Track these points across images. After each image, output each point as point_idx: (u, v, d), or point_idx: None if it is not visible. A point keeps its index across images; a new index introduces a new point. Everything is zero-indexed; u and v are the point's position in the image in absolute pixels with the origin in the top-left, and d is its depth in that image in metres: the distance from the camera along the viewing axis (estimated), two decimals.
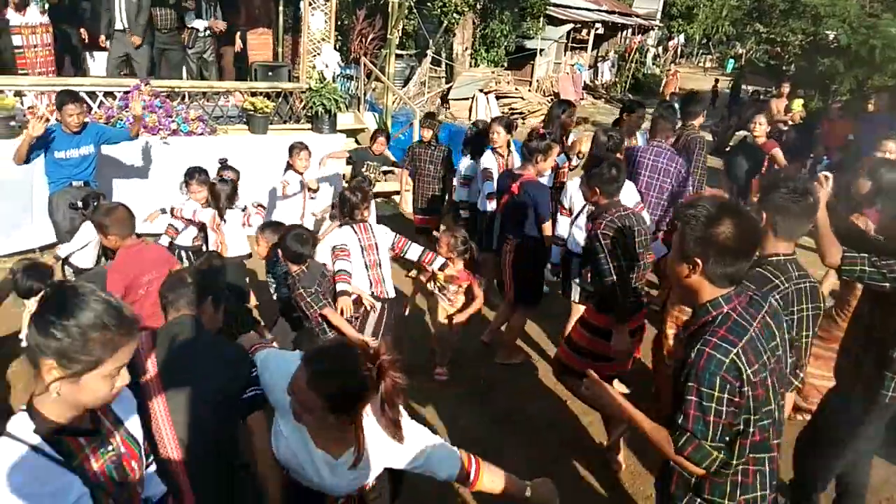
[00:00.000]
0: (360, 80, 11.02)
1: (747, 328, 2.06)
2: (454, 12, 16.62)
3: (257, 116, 7.43)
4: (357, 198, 4.38)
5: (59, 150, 5.46)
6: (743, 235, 2.05)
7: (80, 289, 1.54)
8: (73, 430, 1.60)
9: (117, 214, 3.86)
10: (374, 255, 4.35)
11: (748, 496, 2.19)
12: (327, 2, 7.67)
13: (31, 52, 7.15)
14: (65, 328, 1.47)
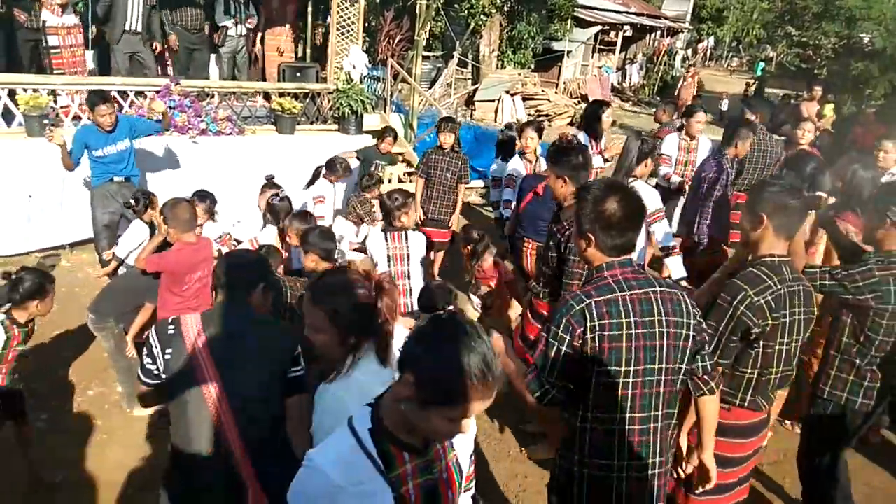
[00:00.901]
0: (387, 81, 11.04)
1: (614, 291, 2.23)
2: (481, 14, 16.61)
3: (285, 117, 7.49)
4: (394, 203, 4.27)
5: (96, 148, 5.58)
6: (627, 210, 2.25)
7: (467, 327, 1.50)
8: (402, 442, 1.59)
9: (179, 209, 4.04)
10: (402, 265, 4.23)
11: (602, 461, 2.27)
12: (356, 4, 7.70)
13: (68, 51, 7.27)
14: (439, 359, 1.47)
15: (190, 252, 4.09)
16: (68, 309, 5.37)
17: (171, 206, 4.10)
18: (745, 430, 2.81)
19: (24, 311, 3.41)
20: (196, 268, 4.10)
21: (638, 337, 2.20)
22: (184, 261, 4.05)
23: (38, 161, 6.10)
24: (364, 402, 1.68)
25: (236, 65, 9.34)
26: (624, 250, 2.30)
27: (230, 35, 9.10)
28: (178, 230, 4.05)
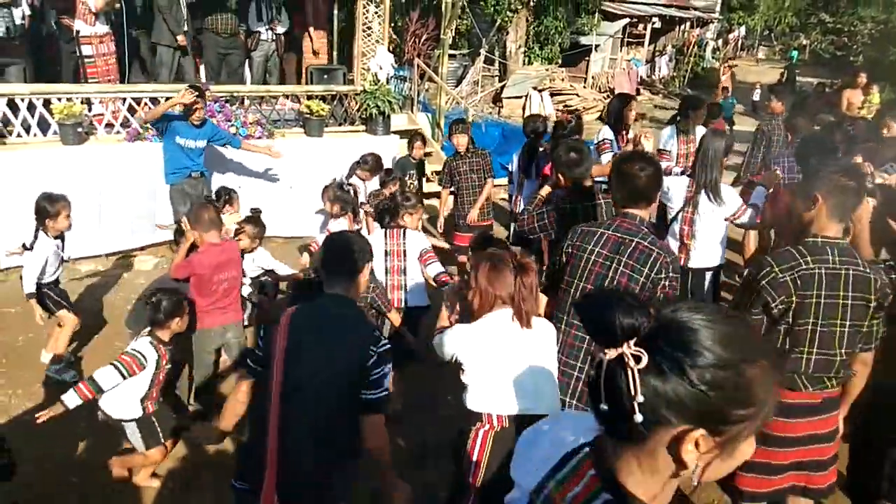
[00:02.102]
0: (414, 80, 11.05)
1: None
2: (507, 10, 16.52)
3: (313, 119, 7.53)
4: (404, 200, 4.52)
5: (181, 136, 6.06)
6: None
7: (684, 313, 1.07)
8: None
9: (203, 212, 4.17)
10: (398, 261, 4.36)
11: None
12: (381, 4, 7.71)
13: (101, 60, 7.38)
14: (711, 371, 1.00)
15: (215, 253, 4.16)
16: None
17: (196, 208, 4.26)
18: (787, 409, 2.77)
19: (166, 330, 3.61)
20: (222, 268, 4.17)
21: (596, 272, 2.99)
22: (209, 261, 4.12)
23: (73, 170, 6.22)
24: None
25: (267, 68, 9.44)
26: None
27: (262, 39, 9.20)
28: (202, 231, 4.14)
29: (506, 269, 2.75)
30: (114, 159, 6.54)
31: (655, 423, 1.03)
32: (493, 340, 2.70)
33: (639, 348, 1.03)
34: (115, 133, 6.82)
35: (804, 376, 2.77)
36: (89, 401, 3.43)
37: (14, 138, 6.38)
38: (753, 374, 1.01)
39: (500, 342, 2.70)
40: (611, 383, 1.05)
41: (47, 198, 4.56)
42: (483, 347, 2.71)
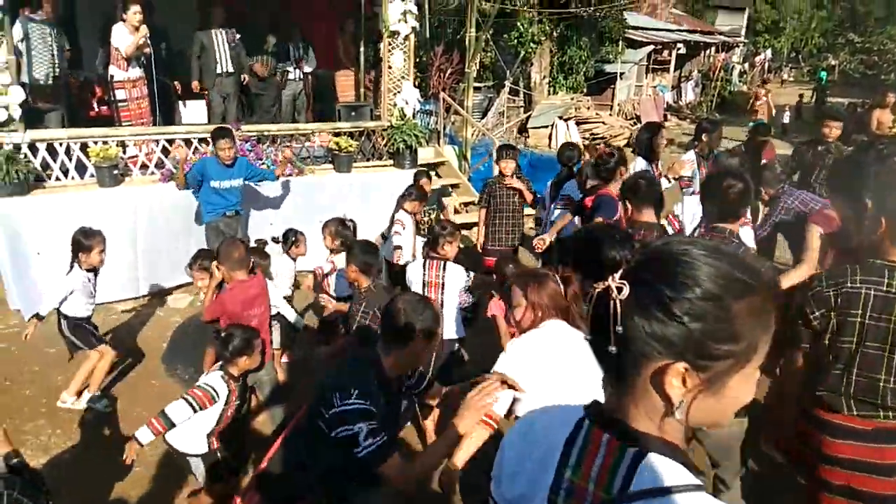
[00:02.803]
0: (440, 114, 11.19)
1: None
2: (531, 42, 16.68)
3: (342, 155, 7.63)
4: (442, 230, 4.45)
5: (214, 179, 6.15)
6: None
7: (674, 245, 1.06)
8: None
9: (231, 249, 4.20)
10: (435, 293, 4.34)
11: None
12: (405, 41, 7.84)
13: (134, 104, 7.61)
14: (691, 303, 0.99)
15: (243, 289, 4.18)
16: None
17: (224, 246, 4.28)
18: (830, 428, 2.74)
19: (235, 366, 3.62)
20: (251, 304, 4.18)
21: None
22: (238, 298, 4.14)
23: (109, 211, 6.37)
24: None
25: (296, 107, 9.67)
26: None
27: (290, 79, 9.46)
28: (230, 269, 4.17)
29: (550, 282, 2.78)
30: (149, 200, 6.68)
31: (642, 357, 1.03)
32: (557, 348, 2.69)
33: (622, 280, 1.03)
34: (149, 174, 6.99)
35: (849, 398, 2.70)
36: (161, 435, 3.44)
37: (53, 182, 6.56)
38: (739, 308, 1.00)
39: (564, 349, 2.68)
40: (600, 318, 1.06)
41: (83, 232, 4.73)
42: (547, 356, 2.68)
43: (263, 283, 4.46)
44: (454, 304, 4.39)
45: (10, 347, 5.76)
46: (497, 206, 6.42)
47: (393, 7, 7.59)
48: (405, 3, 7.60)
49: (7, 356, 5.62)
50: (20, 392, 5.09)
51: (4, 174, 5.98)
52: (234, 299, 4.14)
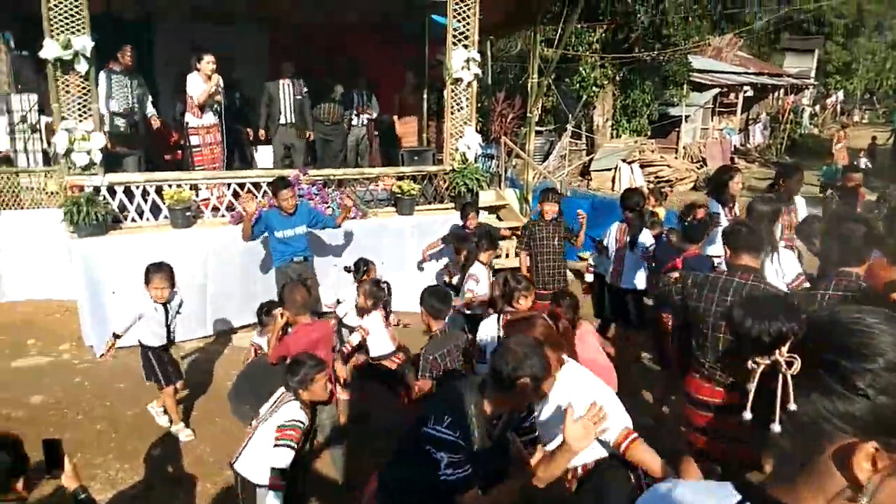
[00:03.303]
0: (501, 157, 11.27)
1: None
2: (593, 86, 16.72)
3: (404, 199, 7.76)
4: (517, 283, 4.28)
5: (278, 229, 6.32)
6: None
7: (844, 315, 1.00)
8: None
9: (295, 293, 4.30)
10: None
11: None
12: (468, 88, 7.97)
13: (207, 149, 7.96)
14: (875, 375, 0.92)
15: (307, 332, 4.26)
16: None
17: (289, 290, 4.36)
18: None
19: (307, 391, 3.54)
20: (314, 347, 4.18)
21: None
22: (302, 341, 4.19)
23: (181, 251, 6.61)
24: None
25: (359, 152, 9.93)
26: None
27: (353, 125, 9.75)
28: (294, 312, 4.27)
29: (539, 321, 2.89)
30: (219, 241, 6.90)
31: (820, 437, 0.94)
32: (585, 388, 2.81)
33: (791, 354, 0.98)
34: (220, 216, 7.24)
35: None
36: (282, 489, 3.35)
37: (129, 223, 6.87)
38: None
39: (589, 388, 2.80)
40: (765, 395, 0.99)
41: (150, 265, 5.00)
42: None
43: (328, 328, 4.53)
44: None
45: (83, 382, 5.98)
46: (538, 249, 6.41)
47: (457, 55, 7.75)
48: (468, 51, 7.76)
49: (80, 390, 5.84)
50: (91, 427, 5.26)
51: (85, 215, 6.30)
52: (297, 342, 4.20)
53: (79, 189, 6.46)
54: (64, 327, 7.06)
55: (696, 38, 18.87)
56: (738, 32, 24.95)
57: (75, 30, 6.24)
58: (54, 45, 6.17)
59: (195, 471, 4.72)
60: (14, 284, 7.79)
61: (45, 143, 8.79)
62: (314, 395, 3.53)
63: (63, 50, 6.18)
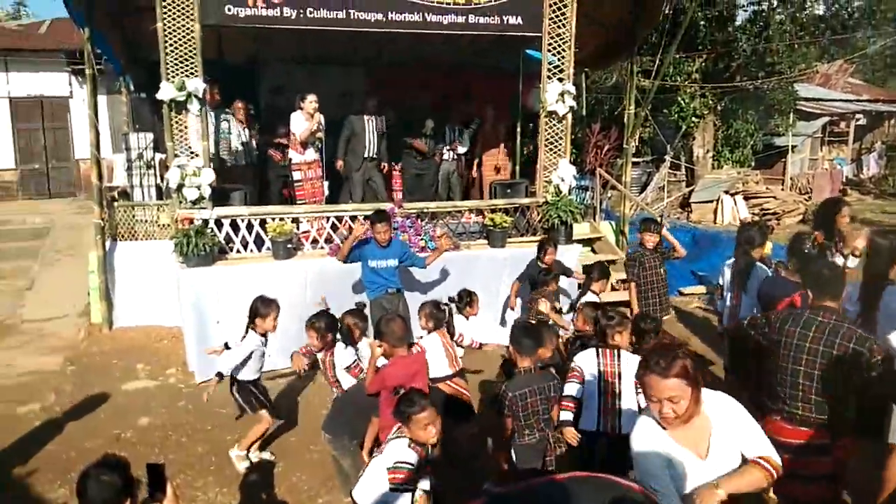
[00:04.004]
0: (596, 189, 11.10)
1: None
2: (693, 116, 16.30)
3: (496, 231, 7.75)
4: (609, 321, 4.20)
5: (372, 259, 6.42)
6: None
7: None
8: None
9: (393, 325, 4.32)
10: (612, 381, 4.08)
11: None
12: (563, 120, 7.93)
13: (309, 184, 8.26)
14: None
15: (404, 365, 4.27)
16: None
17: (386, 322, 4.38)
18: None
19: (420, 428, 3.36)
20: (411, 379, 4.19)
21: None
22: (399, 373, 4.21)
23: (282, 282, 6.83)
24: None
25: (450, 185, 10.06)
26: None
27: (444, 159, 9.91)
28: (392, 344, 4.29)
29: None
30: (317, 272, 7.09)
31: None
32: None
33: None
34: (319, 248, 7.45)
35: None
36: None
37: (234, 254, 7.18)
38: None
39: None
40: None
41: (261, 300, 5.13)
42: None
43: (423, 361, 4.52)
44: (633, 395, 4.07)
45: (187, 406, 6.24)
46: (646, 278, 6.47)
47: (551, 88, 7.74)
48: (563, 84, 7.73)
49: (184, 414, 6.09)
50: (193, 449, 5.46)
51: (194, 246, 6.63)
52: (394, 375, 4.20)
53: (189, 222, 6.82)
54: (171, 353, 7.43)
55: (802, 66, 18.11)
56: (849, 58, 23.81)
57: (189, 73, 6.66)
58: (170, 87, 6.60)
59: (289, 498, 4.80)
60: (127, 311, 8.27)
61: (158, 179, 9.38)
62: (416, 435, 3.35)
63: (178, 91, 6.60)
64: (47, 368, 7.22)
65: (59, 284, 9.62)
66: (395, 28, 7.43)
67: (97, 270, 8.18)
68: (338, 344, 4.89)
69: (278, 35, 8.03)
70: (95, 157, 8.02)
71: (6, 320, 8.79)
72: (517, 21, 7.67)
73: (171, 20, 6.56)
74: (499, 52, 10.45)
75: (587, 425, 4.08)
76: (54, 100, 16.00)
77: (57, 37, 16.32)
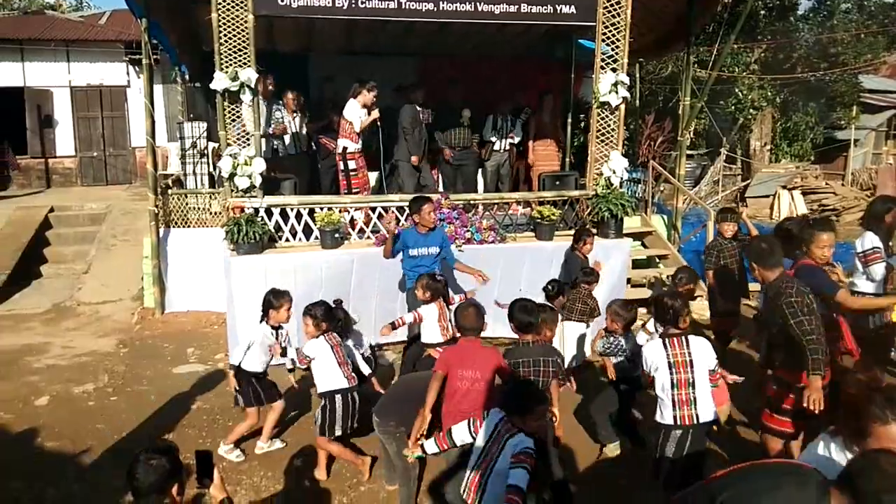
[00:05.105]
0: (648, 182, 10.88)
1: None
2: (750, 108, 15.84)
3: (544, 224, 7.64)
4: (678, 303, 4.09)
5: (412, 247, 6.35)
6: None
7: None
8: None
9: (468, 311, 4.27)
10: (685, 372, 3.92)
11: None
12: (615, 111, 7.77)
13: (361, 172, 8.27)
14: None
15: (463, 349, 4.20)
16: None
17: (461, 309, 4.34)
18: None
19: (534, 419, 3.35)
20: (466, 363, 4.07)
21: None
22: (457, 355, 4.15)
23: (329, 270, 6.88)
24: None
25: (500, 176, 9.93)
26: None
27: (495, 150, 9.77)
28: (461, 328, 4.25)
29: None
30: (362, 261, 7.11)
31: None
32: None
33: None
34: (365, 238, 7.47)
35: None
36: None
37: (283, 242, 7.25)
38: None
39: None
40: None
41: (273, 292, 5.18)
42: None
43: (488, 355, 4.24)
44: (707, 382, 3.97)
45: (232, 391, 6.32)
46: (725, 267, 6.43)
47: (604, 79, 7.59)
48: (617, 75, 7.57)
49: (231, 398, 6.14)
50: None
51: (244, 234, 6.71)
52: (454, 354, 4.21)
53: (240, 210, 6.91)
54: (220, 337, 7.57)
55: (868, 57, 17.42)
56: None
57: (242, 63, 6.72)
58: (223, 77, 6.68)
59: (331, 484, 4.82)
60: (179, 296, 8.46)
61: (211, 167, 9.54)
62: (530, 427, 3.31)
63: (231, 81, 6.67)
64: (102, 350, 7.44)
65: (115, 269, 9.90)
66: (446, 18, 7.38)
67: (150, 256, 8.38)
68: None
69: (329, 25, 8.06)
70: (151, 145, 8.19)
71: (64, 302, 9.09)
72: (570, 10, 7.53)
73: (226, 10, 6.62)
74: (551, 42, 10.30)
75: (666, 420, 3.96)
76: (113, 89, 16.46)
77: (116, 27, 16.76)
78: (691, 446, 3.92)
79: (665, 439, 3.96)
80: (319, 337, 4.87)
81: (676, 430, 3.92)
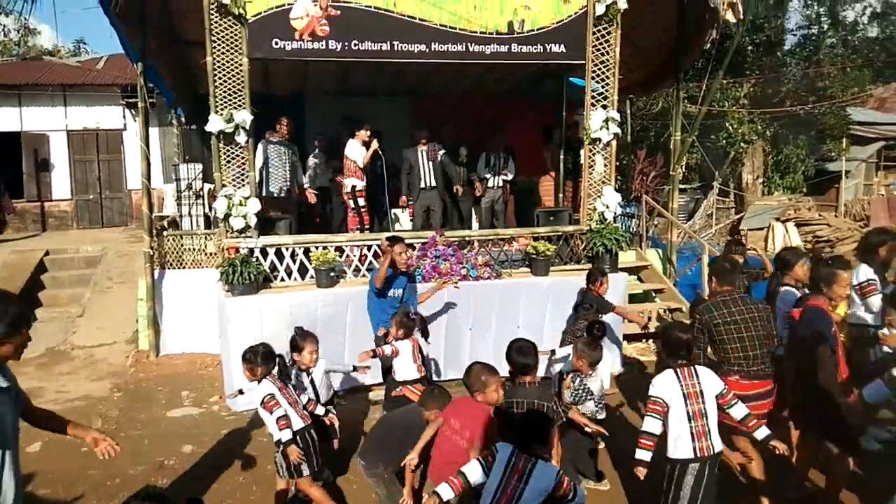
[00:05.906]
0: (642, 217, 10.93)
1: None
2: (741, 142, 16.01)
3: (539, 259, 7.66)
4: (686, 335, 4.06)
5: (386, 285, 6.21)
6: None
7: None
8: None
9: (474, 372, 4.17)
10: (698, 403, 3.89)
11: None
12: (607, 147, 7.84)
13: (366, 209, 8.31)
14: None
15: (459, 401, 4.19)
16: None
17: (467, 373, 4.24)
18: None
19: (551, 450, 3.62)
20: (456, 417, 4.07)
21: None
22: (451, 407, 4.19)
23: (323, 309, 6.86)
24: None
25: (494, 212, 9.99)
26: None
27: (489, 186, 9.84)
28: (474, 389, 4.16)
29: None
30: (358, 300, 7.07)
31: None
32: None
33: None
34: (360, 276, 7.46)
35: None
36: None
37: (278, 282, 7.24)
38: None
39: None
40: None
41: (298, 332, 5.11)
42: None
43: (483, 412, 4.12)
44: (716, 411, 3.94)
45: (230, 434, 6.25)
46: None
47: (595, 115, 7.69)
48: (607, 112, 7.67)
49: (227, 442, 6.09)
50: (234, 479, 5.40)
51: (239, 275, 6.70)
52: (451, 406, 4.23)
53: (235, 250, 6.91)
54: (215, 380, 7.50)
55: (855, 90, 17.68)
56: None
57: (237, 105, 6.80)
58: (218, 118, 6.75)
59: None
60: (174, 338, 8.41)
61: (206, 208, 9.57)
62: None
63: (226, 123, 6.74)
64: (96, 394, 7.36)
65: (110, 311, 9.85)
66: (438, 59, 7.50)
67: (146, 298, 8.35)
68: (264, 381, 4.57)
69: (324, 67, 8.17)
70: (146, 187, 8.22)
71: (59, 346, 9.02)
72: (560, 49, 7.66)
73: (221, 54, 6.73)
74: (542, 80, 10.44)
75: (684, 454, 3.87)
76: (109, 132, 16.61)
77: (113, 72, 16.97)
78: (709, 478, 3.86)
79: (682, 474, 3.86)
80: (263, 381, 4.53)
81: (695, 464, 3.84)
